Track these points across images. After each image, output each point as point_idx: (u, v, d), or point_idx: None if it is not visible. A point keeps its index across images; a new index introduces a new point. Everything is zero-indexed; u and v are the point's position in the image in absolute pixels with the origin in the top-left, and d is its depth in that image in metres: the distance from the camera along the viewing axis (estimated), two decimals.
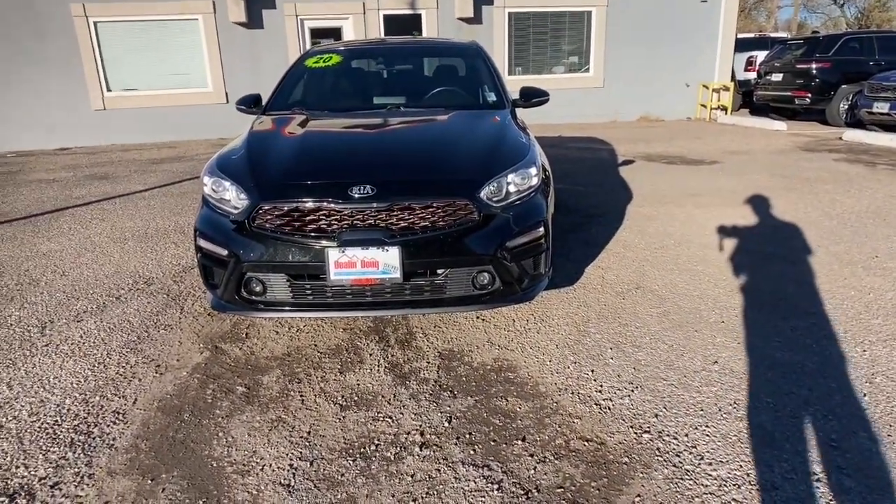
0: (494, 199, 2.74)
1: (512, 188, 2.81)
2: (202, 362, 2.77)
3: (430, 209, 2.62)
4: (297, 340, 2.96)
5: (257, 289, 2.71)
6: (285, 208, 2.63)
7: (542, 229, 2.82)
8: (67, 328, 3.15)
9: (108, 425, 2.28)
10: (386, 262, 2.56)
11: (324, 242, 2.57)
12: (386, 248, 2.54)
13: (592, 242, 4.46)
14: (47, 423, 2.29)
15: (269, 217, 2.64)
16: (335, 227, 2.58)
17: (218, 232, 2.73)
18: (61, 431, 2.23)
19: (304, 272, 2.63)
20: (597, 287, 3.58)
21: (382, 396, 2.44)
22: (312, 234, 2.59)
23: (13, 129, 11.98)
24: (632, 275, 3.78)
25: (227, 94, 12.31)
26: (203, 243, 2.77)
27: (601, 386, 2.48)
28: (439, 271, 2.65)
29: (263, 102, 4.08)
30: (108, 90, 12.24)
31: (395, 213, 2.60)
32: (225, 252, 2.68)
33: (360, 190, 2.60)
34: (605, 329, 3.01)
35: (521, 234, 2.74)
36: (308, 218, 2.60)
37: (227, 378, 2.62)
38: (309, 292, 2.68)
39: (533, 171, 2.92)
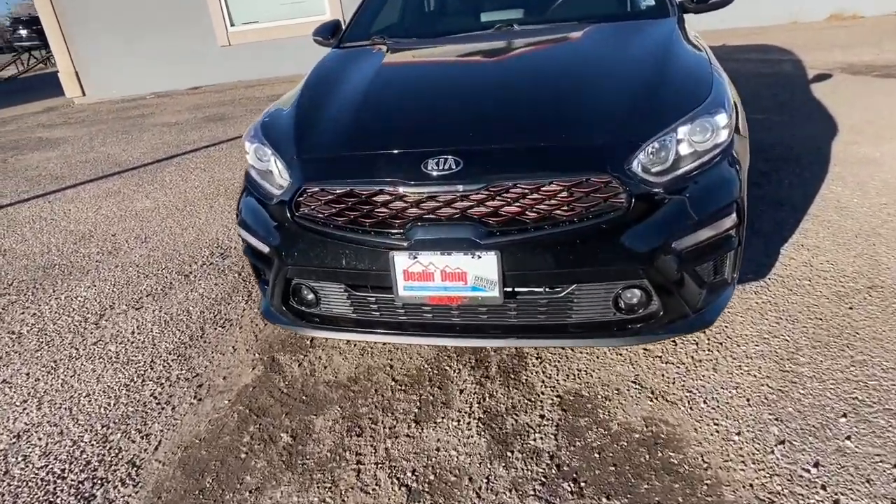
0: (654, 169, 1.71)
1: (684, 149, 1.75)
2: (251, 384, 2.16)
3: (548, 192, 1.67)
4: (370, 357, 2.24)
5: (309, 298, 1.99)
6: (336, 191, 1.82)
7: (734, 216, 1.75)
8: (123, 319, 2.72)
9: (116, 487, 1.74)
10: (478, 273, 1.69)
11: (388, 242, 1.74)
12: (477, 253, 1.66)
13: (787, 203, 3.18)
14: (53, 474, 1.81)
15: (316, 203, 1.85)
16: (403, 219, 1.74)
17: (258, 221, 2.02)
18: (61, 492, 1.74)
19: (366, 282, 1.85)
20: (803, 283, 2.42)
21: (470, 480, 1.64)
22: (372, 229, 1.78)
23: (153, 71, 12.44)
24: (857, 260, 2.54)
25: (344, 20, 11.64)
26: (245, 234, 2.09)
27: (837, 498, 1.46)
28: (560, 286, 1.73)
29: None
30: (232, 25, 12.18)
31: (492, 199, 1.69)
32: (266, 248, 1.97)
33: (439, 164, 1.71)
34: (827, 370, 1.91)
35: (699, 227, 1.70)
36: (367, 206, 1.79)
37: (273, 416, 1.98)
38: (375, 308, 1.91)
39: (721, 118, 1.81)
